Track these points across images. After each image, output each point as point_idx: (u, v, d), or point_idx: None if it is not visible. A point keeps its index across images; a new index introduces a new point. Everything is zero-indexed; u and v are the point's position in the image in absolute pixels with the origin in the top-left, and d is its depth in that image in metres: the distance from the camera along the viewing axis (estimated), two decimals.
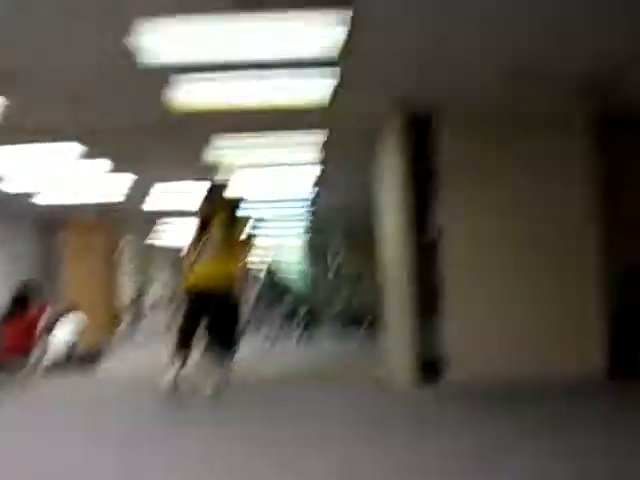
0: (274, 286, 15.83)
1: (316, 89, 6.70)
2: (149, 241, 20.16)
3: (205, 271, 6.96)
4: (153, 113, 7.32)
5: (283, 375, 8.62)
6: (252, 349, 10.84)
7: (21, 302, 9.17)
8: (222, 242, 6.98)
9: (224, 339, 7.11)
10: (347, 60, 5.90)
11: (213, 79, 6.30)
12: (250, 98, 6.89)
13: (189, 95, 6.65)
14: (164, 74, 6.06)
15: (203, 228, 7.08)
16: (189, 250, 7.20)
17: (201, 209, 7.22)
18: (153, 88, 6.46)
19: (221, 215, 7.08)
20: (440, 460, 4.39)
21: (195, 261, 7.05)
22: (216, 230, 7.02)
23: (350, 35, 5.35)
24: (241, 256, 7.19)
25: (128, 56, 5.49)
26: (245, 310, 10.50)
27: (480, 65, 6.39)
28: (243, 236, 7.29)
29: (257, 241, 7.53)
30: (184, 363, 6.95)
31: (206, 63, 5.84)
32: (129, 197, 12.29)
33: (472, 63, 6.35)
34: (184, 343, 6.98)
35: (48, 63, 5.88)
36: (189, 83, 6.34)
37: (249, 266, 7.88)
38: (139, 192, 11.98)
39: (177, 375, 6.84)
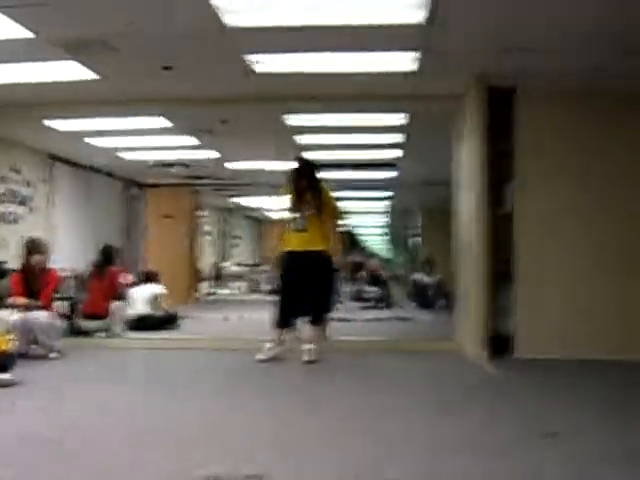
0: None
1: (401, 61, 6.87)
2: (231, 204, 20.41)
3: (300, 236, 7.35)
4: (236, 79, 7.49)
5: (360, 343, 8.76)
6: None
7: (102, 265, 9.48)
8: (314, 210, 7.35)
9: (322, 303, 7.57)
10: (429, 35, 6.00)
11: (297, 45, 6.46)
12: (333, 66, 7.06)
13: (272, 60, 6.86)
14: (248, 36, 6.17)
15: (296, 198, 7.43)
16: (284, 219, 7.67)
17: (291, 180, 7.51)
18: (236, 51, 6.60)
19: (310, 185, 7.42)
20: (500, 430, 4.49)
21: (289, 229, 7.46)
22: (307, 200, 7.37)
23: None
24: (333, 222, 7.63)
25: (213, 17, 5.60)
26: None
27: (560, 45, 6.35)
28: (331, 203, 7.65)
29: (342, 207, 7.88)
30: (283, 341, 7.34)
31: (290, 26, 5.92)
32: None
33: (553, 44, 6.33)
34: (285, 321, 7.34)
35: (137, 29, 6.03)
36: (273, 47, 6.53)
37: (341, 232, 8.19)
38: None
39: (275, 353, 7.23)
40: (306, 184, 7.42)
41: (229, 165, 13.09)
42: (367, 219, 25.66)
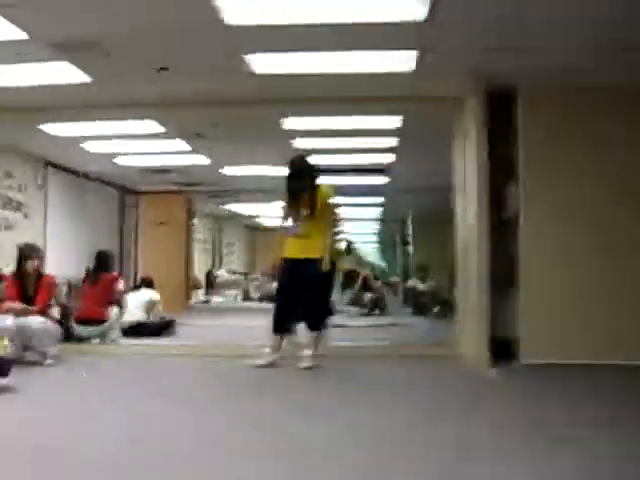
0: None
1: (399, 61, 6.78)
2: (226, 212, 20.35)
3: (298, 243, 7.17)
4: (233, 80, 7.38)
5: (359, 349, 8.64)
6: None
7: (96, 270, 9.34)
8: (311, 214, 7.15)
9: (319, 309, 7.41)
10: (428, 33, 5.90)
11: (296, 44, 6.35)
12: (331, 67, 6.96)
13: (270, 60, 6.76)
14: (247, 35, 6.06)
15: (292, 201, 7.24)
16: (281, 223, 7.49)
17: (287, 182, 7.29)
18: (235, 51, 6.49)
19: (307, 187, 7.17)
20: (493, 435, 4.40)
21: (287, 234, 7.29)
22: (304, 203, 7.16)
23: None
24: (330, 226, 7.42)
25: (211, 13, 5.48)
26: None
27: (560, 44, 6.27)
28: (330, 206, 7.42)
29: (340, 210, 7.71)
30: (280, 347, 7.19)
31: (288, 25, 5.82)
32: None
33: (553, 43, 6.24)
34: (282, 326, 7.21)
35: (128, 28, 5.92)
36: (270, 46, 6.41)
37: (337, 236, 8.01)
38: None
39: (273, 358, 7.10)
40: (303, 185, 7.17)
41: (223, 171, 12.99)
42: (360, 226, 25.52)
